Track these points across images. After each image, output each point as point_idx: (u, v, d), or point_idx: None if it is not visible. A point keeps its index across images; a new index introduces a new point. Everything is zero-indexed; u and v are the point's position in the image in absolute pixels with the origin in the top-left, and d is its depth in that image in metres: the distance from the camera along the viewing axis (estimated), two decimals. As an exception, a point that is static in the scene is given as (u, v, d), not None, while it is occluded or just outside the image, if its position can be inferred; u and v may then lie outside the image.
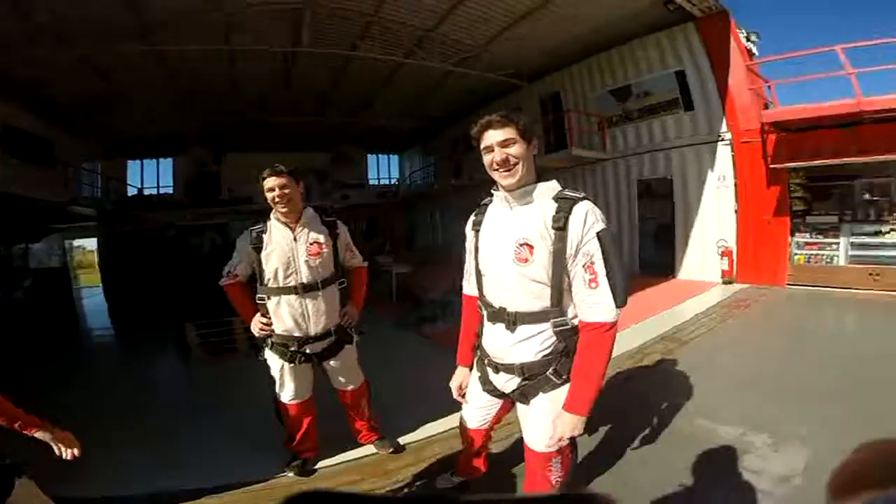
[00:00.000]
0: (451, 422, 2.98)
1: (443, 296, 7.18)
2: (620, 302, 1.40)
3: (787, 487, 2.14)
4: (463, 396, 1.90)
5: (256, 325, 2.30)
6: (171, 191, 13.82)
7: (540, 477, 1.66)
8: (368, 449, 2.72)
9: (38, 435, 1.38)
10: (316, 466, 2.60)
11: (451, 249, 13.23)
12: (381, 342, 5.19)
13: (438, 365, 4.26)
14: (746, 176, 7.30)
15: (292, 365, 2.33)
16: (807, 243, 7.03)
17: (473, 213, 1.71)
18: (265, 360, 2.41)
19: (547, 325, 1.48)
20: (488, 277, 1.60)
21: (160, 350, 5.73)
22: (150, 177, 14.06)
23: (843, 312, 5.69)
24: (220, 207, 12.67)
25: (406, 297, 7.75)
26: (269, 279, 2.24)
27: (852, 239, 6.69)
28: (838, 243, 6.78)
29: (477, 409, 1.85)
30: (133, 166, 13.71)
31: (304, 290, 2.24)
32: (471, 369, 1.86)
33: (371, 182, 17.79)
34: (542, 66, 9.92)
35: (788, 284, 7.00)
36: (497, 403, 1.79)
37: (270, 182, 2.14)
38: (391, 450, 2.71)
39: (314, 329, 2.30)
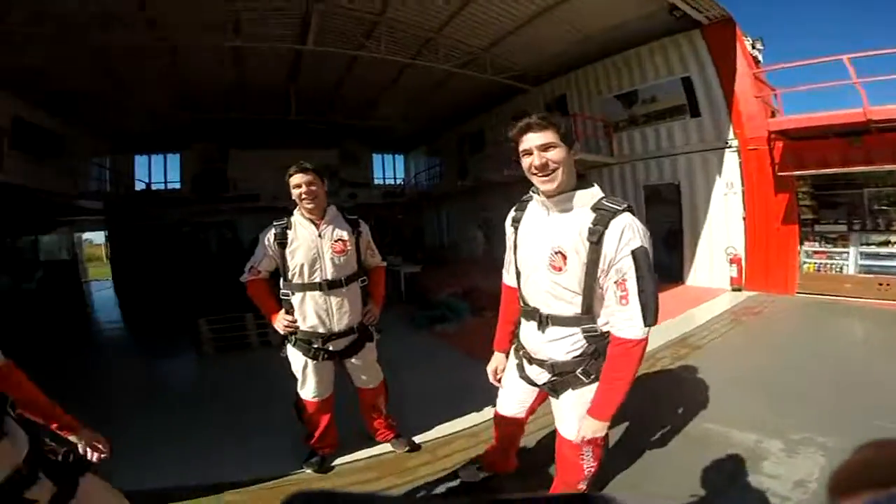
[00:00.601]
0: (466, 422, 3.03)
1: (451, 297, 7.15)
2: (651, 321, 1.38)
3: (803, 492, 2.14)
4: (499, 381, 1.92)
5: (281, 322, 2.29)
6: (178, 186, 13.84)
7: (572, 464, 1.68)
8: (385, 447, 2.71)
9: (72, 438, 1.34)
10: (334, 463, 2.59)
11: (458, 251, 13.36)
12: (396, 341, 5.16)
13: (453, 365, 4.34)
14: (754, 183, 7.24)
15: (315, 362, 2.33)
16: (815, 252, 6.98)
17: (514, 209, 1.71)
18: (286, 356, 2.40)
19: (577, 330, 1.51)
20: (524, 277, 1.62)
21: (171, 346, 5.71)
22: (158, 172, 14.09)
23: (852, 322, 5.58)
24: (227, 204, 12.71)
25: (415, 297, 7.75)
26: (293, 275, 2.24)
27: (862, 249, 6.62)
28: (848, 253, 6.72)
29: (513, 396, 1.86)
30: (141, 161, 13.73)
31: (329, 286, 2.25)
32: (507, 356, 1.88)
33: (376, 181, 17.68)
34: (548, 69, 9.88)
35: (798, 293, 6.95)
36: (532, 392, 1.80)
37: (297, 179, 2.15)
38: (407, 448, 2.70)
39: (338, 326, 2.30)
